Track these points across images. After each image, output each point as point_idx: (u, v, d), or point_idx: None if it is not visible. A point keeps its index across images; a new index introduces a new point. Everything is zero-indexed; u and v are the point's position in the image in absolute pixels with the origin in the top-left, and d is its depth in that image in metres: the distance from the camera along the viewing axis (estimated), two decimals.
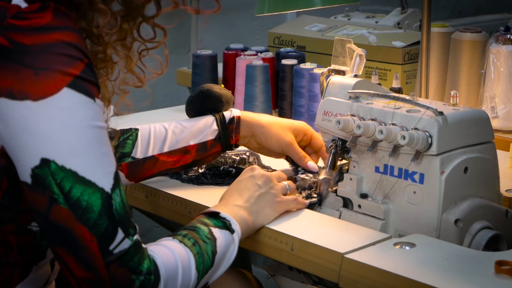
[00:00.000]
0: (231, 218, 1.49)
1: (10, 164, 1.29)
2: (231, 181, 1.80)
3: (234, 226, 1.49)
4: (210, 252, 1.41)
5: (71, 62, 1.25)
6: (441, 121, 1.52)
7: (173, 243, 1.38)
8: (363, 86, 1.68)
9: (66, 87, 1.24)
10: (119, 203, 1.28)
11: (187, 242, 1.39)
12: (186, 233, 1.41)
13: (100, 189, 1.26)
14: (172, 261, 1.34)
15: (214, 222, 1.47)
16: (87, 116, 1.26)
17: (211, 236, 1.44)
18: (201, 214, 1.51)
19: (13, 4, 1.27)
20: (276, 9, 1.96)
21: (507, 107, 2.09)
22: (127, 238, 1.28)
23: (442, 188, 1.52)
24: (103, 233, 1.26)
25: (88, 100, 1.26)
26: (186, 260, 1.36)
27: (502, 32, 2.11)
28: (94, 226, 1.25)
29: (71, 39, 1.26)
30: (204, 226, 1.45)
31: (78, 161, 1.25)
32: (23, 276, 1.37)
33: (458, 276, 1.36)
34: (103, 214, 1.26)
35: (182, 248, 1.37)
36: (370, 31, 2.47)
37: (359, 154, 1.64)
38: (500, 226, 1.56)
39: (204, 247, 1.41)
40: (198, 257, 1.38)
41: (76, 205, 1.25)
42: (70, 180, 1.24)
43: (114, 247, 1.26)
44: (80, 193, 1.25)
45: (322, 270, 1.47)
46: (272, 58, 2.38)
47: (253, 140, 1.81)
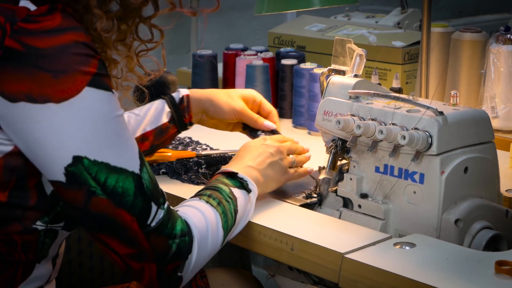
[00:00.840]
0: (248, 179, 1.58)
1: (21, 164, 1.33)
2: None
3: (251, 186, 1.58)
4: (233, 211, 1.50)
5: (87, 61, 1.29)
6: (441, 121, 1.52)
7: (200, 204, 1.46)
8: (363, 86, 1.68)
9: (86, 86, 1.29)
10: (147, 180, 1.36)
11: (213, 202, 1.48)
12: (210, 193, 1.50)
13: (131, 173, 1.33)
14: (202, 221, 1.43)
15: (233, 182, 1.56)
16: (109, 109, 1.32)
17: (232, 195, 1.52)
18: (219, 173, 1.59)
19: (21, 7, 1.29)
20: (275, 9, 1.95)
21: (507, 107, 2.09)
22: (159, 208, 1.36)
23: (442, 188, 1.52)
24: (140, 212, 1.34)
25: (108, 94, 1.32)
26: (214, 219, 1.45)
27: (502, 32, 2.11)
28: (131, 207, 1.33)
29: (82, 38, 1.30)
30: (225, 186, 1.53)
31: (107, 152, 1.31)
32: (27, 275, 1.38)
33: (458, 276, 1.36)
34: (137, 195, 1.34)
35: (209, 208, 1.46)
36: (370, 31, 2.47)
37: (359, 154, 1.64)
38: (500, 226, 1.55)
39: (227, 206, 1.49)
40: (223, 216, 1.47)
41: (113, 193, 1.32)
42: (104, 172, 1.31)
43: (151, 220, 1.35)
44: (115, 181, 1.32)
45: (322, 270, 1.47)
46: (272, 58, 2.38)
47: (205, 116, 1.83)
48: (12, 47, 1.26)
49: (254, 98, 1.86)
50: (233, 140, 2.02)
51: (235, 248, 2.27)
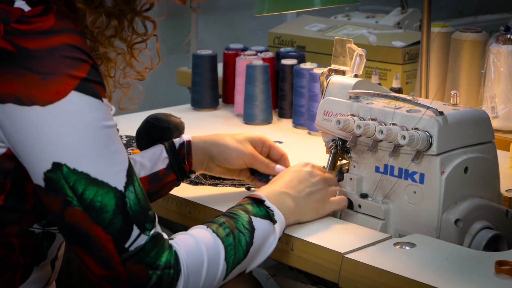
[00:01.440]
0: (275, 209, 1.48)
1: (15, 167, 1.31)
2: (230, 181, 1.81)
3: (278, 217, 1.47)
4: (244, 243, 1.40)
5: (77, 65, 1.26)
6: (441, 121, 1.52)
7: (203, 233, 1.37)
8: (363, 86, 1.68)
9: (73, 90, 1.25)
10: (133, 200, 1.29)
11: (221, 232, 1.38)
12: (224, 221, 1.41)
13: (113, 188, 1.27)
14: (197, 254, 1.33)
15: (257, 211, 1.46)
16: (96, 117, 1.27)
17: (249, 226, 1.42)
18: (247, 197, 1.50)
19: (15, 8, 1.27)
20: (276, 9, 1.95)
21: (507, 107, 2.09)
22: (143, 234, 1.29)
23: (442, 188, 1.52)
24: (118, 232, 1.27)
25: (96, 101, 1.27)
26: (215, 252, 1.36)
27: (502, 32, 2.11)
28: (109, 225, 1.27)
29: (75, 41, 1.27)
30: (245, 213, 1.44)
31: (89, 163, 1.26)
32: (25, 277, 1.37)
33: (458, 276, 1.36)
34: (117, 213, 1.27)
35: (212, 239, 1.36)
36: (370, 31, 2.47)
37: (359, 154, 1.64)
38: (500, 226, 1.55)
39: (239, 237, 1.40)
40: (230, 249, 1.38)
41: (90, 206, 1.26)
42: (83, 182, 1.26)
43: (130, 244, 1.28)
44: (93, 195, 1.26)
45: (322, 270, 1.47)
46: (272, 58, 2.38)
47: (211, 163, 1.70)
48: (4, 48, 1.25)
49: (263, 142, 1.74)
50: None
51: None
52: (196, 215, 1.68)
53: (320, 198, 1.58)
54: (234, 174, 1.74)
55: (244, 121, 2.32)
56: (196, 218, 1.69)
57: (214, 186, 1.79)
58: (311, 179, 1.58)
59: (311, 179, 1.58)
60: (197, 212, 1.69)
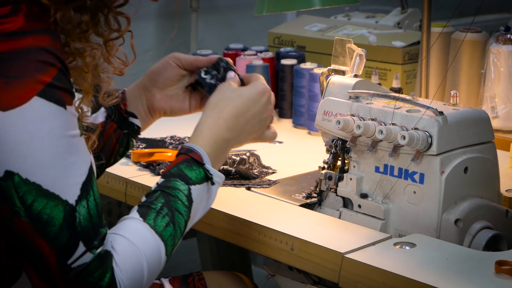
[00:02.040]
0: (215, 172, 1.43)
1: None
2: (230, 181, 1.81)
3: (217, 178, 1.43)
4: (183, 224, 1.37)
5: (43, 69, 1.22)
6: (441, 121, 1.52)
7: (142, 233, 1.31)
8: (363, 86, 1.68)
9: (36, 96, 1.21)
10: (84, 216, 1.24)
11: (160, 224, 1.33)
12: (162, 204, 1.35)
13: (64, 201, 1.23)
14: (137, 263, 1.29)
15: (196, 175, 1.40)
16: (57, 125, 1.22)
17: (188, 201, 1.38)
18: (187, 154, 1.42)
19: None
20: (275, 9, 1.95)
21: (507, 107, 2.09)
22: (89, 251, 1.24)
23: (442, 188, 1.52)
24: (62, 247, 1.23)
25: (58, 109, 1.22)
26: (155, 253, 1.31)
27: (502, 32, 2.11)
28: (54, 239, 1.23)
29: (44, 42, 1.23)
30: (184, 184, 1.39)
31: (43, 173, 1.22)
32: (15, 279, 1.36)
33: (458, 276, 1.36)
34: (64, 228, 1.23)
35: (152, 239, 1.31)
36: (370, 31, 2.47)
37: (359, 154, 1.64)
38: (500, 226, 1.55)
39: (178, 221, 1.36)
40: (169, 240, 1.34)
41: (37, 218, 1.22)
42: (33, 194, 1.21)
43: (73, 261, 1.23)
44: (42, 207, 1.22)
45: (322, 270, 1.47)
46: (272, 58, 2.38)
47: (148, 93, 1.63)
48: None
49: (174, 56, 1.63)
50: None
51: (234, 248, 2.28)
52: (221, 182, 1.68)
53: (257, 136, 1.53)
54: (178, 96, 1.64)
55: None
56: None
57: None
58: (263, 115, 1.52)
59: (262, 114, 1.51)
60: None
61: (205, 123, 1.47)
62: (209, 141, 1.45)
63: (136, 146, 2.04)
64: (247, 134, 1.51)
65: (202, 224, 1.68)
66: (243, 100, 1.50)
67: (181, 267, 3.07)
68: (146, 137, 2.11)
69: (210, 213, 1.66)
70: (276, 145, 2.13)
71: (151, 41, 3.02)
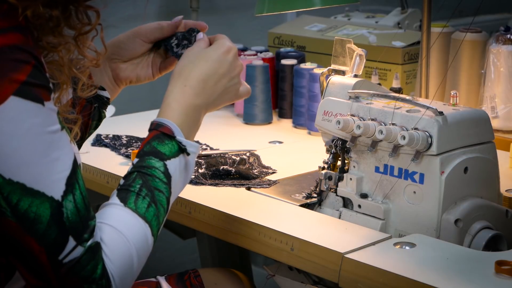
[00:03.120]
0: (187, 142, 1.40)
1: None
2: (230, 181, 1.81)
3: (191, 148, 1.40)
4: (165, 201, 1.35)
5: (16, 67, 1.20)
6: (441, 121, 1.52)
7: (126, 219, 1.30)
8: (363, 86, 1.68)
9: (12, 95, 1.19)
10: (71, 210, 1.24)
11: (141, 206, 1.32)
12: (140, 185, 1.33)
13: (49, 198, 1.22)
14: (126, 251, 1.29)
15: (169, 149, 1.38)
16: (36, 123, 1.21)
17: (166, 177, 1.36)
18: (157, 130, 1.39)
19: None
20: (276, 9, 1.95)
21: (507, 107, 2.09)
22: (79, 245, 1.23)
23: (442, 188, 1.52)
24: (52, 243, 1.22)
25: (36, 106, 1.21)
26: (141, 237, 1.31)
27: (502, 32, 2.11)
28: (42, 236, 1.22)
29: (16, 40, 1.21)
30: (159, 161, 1.36)
31: (26, 172, 1.21)
32: (9, 276, 1.36)
33: (458, 276, 1.36)
34: (52, 224, 1.22)
35: (136, 223, 1.30)
36: (370, 31, 2.47)
37: (359, 154, 1.64)
38: (500, 226, 1.55)
39: (159, 199, 1.34)
40: (154, 220, 1.33)
41: (23, 217, 1.21)
42: (17, 193, 1.21)
43: (64, 256, 1.23)
44: (28, 205, 1.21)
45: (322, 270, 1.47)
46: (272, 58, 2.38)
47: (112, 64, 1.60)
48: None
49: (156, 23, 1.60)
50: (233, 140, 2.02)
51: (234, 248, 2.28)
52: (196, 215, 1.68)
53: (233, 95, 1.49)
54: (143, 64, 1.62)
55: (244, 121, 2.32)
56: (196, 218, 1.69)
57: (214, 186, 1.80)
58: (231, 73, 1.47)
59: (231, 72, 1.47)
60: (197, 212, 1.69)
61: (171, 94, 1.44)
62: (178, 112, 1.42)
63: (136, 146, 2.04)
64: (220, 95, 1.47)
65: (202, 224, 1.68)
66: (208, 63, 1.45)
67: (181, 267, 3.07)
68: None
69: (210, 213, 1.67)
70: (276, 145, 2.13)
71: None
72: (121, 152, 2.01)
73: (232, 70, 1.48)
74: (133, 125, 1.86)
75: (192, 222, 1.69)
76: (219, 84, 1.46)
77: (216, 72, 1.46)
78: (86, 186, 1.30)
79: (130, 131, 2.13)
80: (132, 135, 2.12)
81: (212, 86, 1.45)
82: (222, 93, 1.47)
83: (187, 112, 1.43)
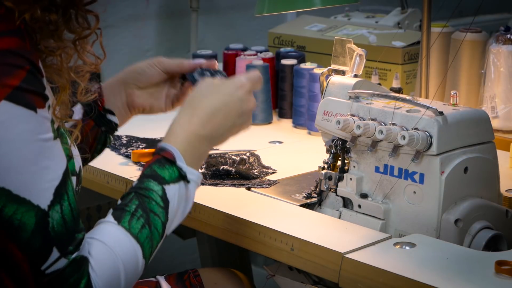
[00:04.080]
0: (188, 169, 1.39)
1: None
2: (230, 181, 1.81)
3: (192, 176, 1.39)
4: (160, 226, 1.34)
5: (10, 72, 1.19)
6: (441, 121, 1.52)
7: (117, 237, 1.29)
8: (363, 86, 1.68)
9: (3, 100, 1.18)
10: (57, 220, 1.22)
11: (135, 226, 1.30)
12: (136, 206, 1.32)
13: (35, 207, 1.20)
14: (113, 266, 1.27)
15: (169, 174, 1.37)
16: (26, 129, 1.20)
17: (164, 202, 1.35)
18: (159, 154, 1.38)
19: None
20: (276, 9, 1.95)
21: (507, 107, 2.09)
22: (63, 257, 1.22)
23: (442, 188, 1.52)
24: (35, 253, 1.21)
25: (28, 113, 1.20)
26: (131, 256, 1.29)
27: (502, 32, 2.11)
28: (26, 245, 1.20)
29: (11, 44, 1.20)
30: (158, 185, 1.35)
31: (13, 178, 1.19)
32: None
33: (458, 276, 1.36)
34: (36, 233, 1.20)
35: (128, 241, 1.29)
36: (370, 31, 2.47)
37: (359, 154, 1.64)
38: (500, 226, 1.55)
39: (154, 223, 1.33)
40: (147, 243, 1.31)
41: (7, 224, 1.19)
42: (2, 199, 1.19)
43: (47, 267, 1.21)
44: (12, 212, 1.19)
45: (322, 270, 1.47)
46: (272, 58, 2.38)
47: (128, 89, 1.61)
48: None
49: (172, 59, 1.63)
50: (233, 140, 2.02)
51: (234, 248, 2.28)
52: (196, 215, 1.68)
53: (241, 130, 1.48)
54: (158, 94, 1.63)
55: None
56: (196, 218, 1.69)
57: (214, 186, 1.80)
58: (240, 109, 1.45)
59: (242, 108, 1.45)
60: (197, 212, 1.69)
61: (178, 121, 1.43)
62: (181, 138, 1.41)
63: (136, 146, 2.04)
64: (227, 130, 1.45)
65: (202, 224, 1.68)
66: (219, 95, 1.44)
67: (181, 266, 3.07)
68: (146, 137, 2.11)
69: (210, 213, 1.67)
70: (276, 145, 2.13)
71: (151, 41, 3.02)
72: (121, 152, 2.01)
73: (243, 106, 1.46)
74: (133, 125, 1.86)
75: (192, 222, 1.69)
76: (228, 118, 1.44)
77: (225, 106, 1.44)
78: (86, 186, 1.30)
79: (130, 131, 2.13)
80: (132, 135, 2.12)
81: (219, 120, 1.44)
82: (230, 128, 1.46)
83: (190, 140, 1.41)
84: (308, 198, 1.72)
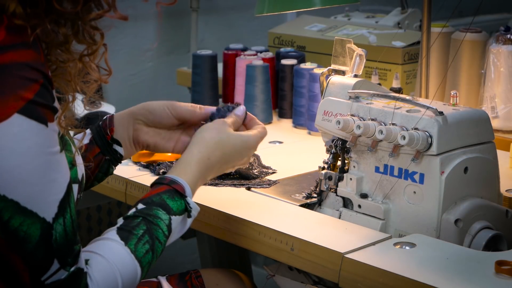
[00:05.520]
0: (194, 206, 1.47)
1: None
2: (230, 181, 1.81)
3: (194, 212, 1.48)
4: (160, 252, 1.41)
5: (24, 85, 1.20)
6: (441, 121, 1.52)
7: (121, 256, 1.33)
8: (363, 86, 1.68)
9: (16, 113, 1.19)
10: (60, 233, 1.23)
11: (140, 250, 1.36)
12: (144, 231, 1.38)
13: (41, 219, 1.22)
14: (112, 280, 1.30)
15: (177, 206, 1.44)
16: (37, 143, 1.21)
17: (168, 231, 1.42)
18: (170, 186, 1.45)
19: None
20: (276, 9, 1.95)
21: (507, 107, 2.09)
22: (62, 269, 1.24)
23: (442, 188, 1.52)
24: (36, 264, 1.22)
25: (39, 126, 1.21)
26: (131, 275, 1.34)
27: (502, 32, 2.11)
28: (29, 256, 1.22)
29: (27, 57, 1.21)
30: (166, 214, 1.42)
31: (21, 190, 1.20)
32: None
33: (458, 276, 1.36)
34: (40, 245, 1.22)
35: (130, 261, 1.34)
36: (370, 31, 2.47)
37: (359, 154, 1.64)
38: (500, 226, 1.56)
39: (157, 249, 1.39)
40: (147, 267, 1.37)
41: (13, 235, 1.21)
42: (10, 211, 1.20)
43: (47, 278, 1.23)
44: (19, 224, 1.21)
45: (322, 270, 1.47)
46: (272, 58, 2.38)
47: (137, 125, 1.63)
48: None
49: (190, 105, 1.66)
50: None
51: (234, 248, 2.28)
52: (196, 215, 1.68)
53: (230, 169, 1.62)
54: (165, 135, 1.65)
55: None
56: (196, 218, 1.69)
57: (214, 186, 1.80)
58: (243, 160, 1.59)
59: (244, 159, 1.59)
60: None
61: (195, 157, 1.52)
62: (194, 176, 1.50)
63: None
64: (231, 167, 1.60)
65: (202, 224, 1.68)
66: (231, 151, 1.55)
67: (181, 267, 3.07)
68: None
69: (210, 213, 1.67)
70: (276, 145, 2.13)
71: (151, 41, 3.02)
72: None
73: (245, 158, 1.59)
74: None
75: (192, 222, 1.68)
76: (234, 166, 1.59)
77: (234, 160, 1.57)
78: None
79: None
80: None
81: (225, 168, 1.57)
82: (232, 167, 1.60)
83: (199, 179, 1.51)
84: (308, 198, 1.72)
